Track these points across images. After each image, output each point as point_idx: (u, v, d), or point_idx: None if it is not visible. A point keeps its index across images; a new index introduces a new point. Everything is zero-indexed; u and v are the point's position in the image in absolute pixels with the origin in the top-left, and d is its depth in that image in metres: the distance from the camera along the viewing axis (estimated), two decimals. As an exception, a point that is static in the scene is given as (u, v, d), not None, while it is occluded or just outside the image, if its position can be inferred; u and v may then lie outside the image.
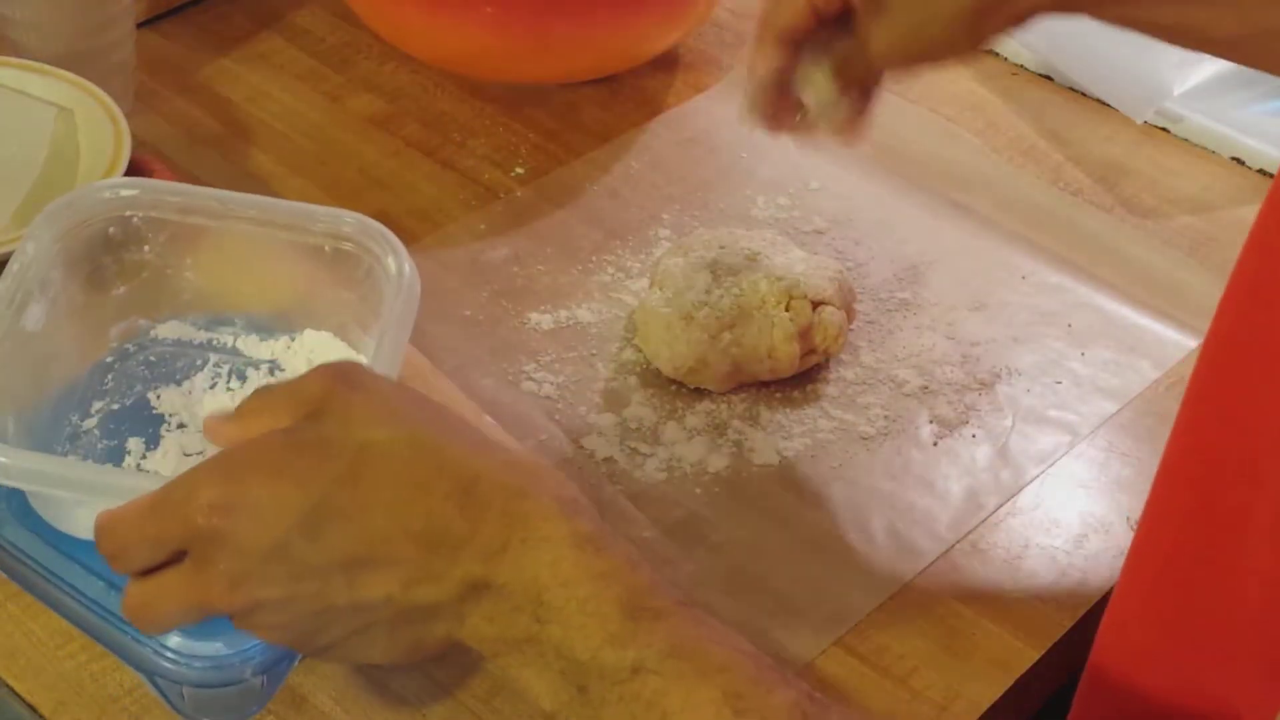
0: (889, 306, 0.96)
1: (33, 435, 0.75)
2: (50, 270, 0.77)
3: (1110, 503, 0.86)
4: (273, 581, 0.60)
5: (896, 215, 1.02)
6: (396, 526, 0.60)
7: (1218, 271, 0.98)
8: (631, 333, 0.93)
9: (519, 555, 0.60)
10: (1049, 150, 1.08)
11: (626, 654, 0.59)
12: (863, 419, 0.89)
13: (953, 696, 0.77)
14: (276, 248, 0.79)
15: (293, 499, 0.59)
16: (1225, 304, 0.64)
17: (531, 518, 0.60)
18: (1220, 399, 0.64)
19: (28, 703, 0.74)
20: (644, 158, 1.06)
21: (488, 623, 0.61)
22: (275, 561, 0.59)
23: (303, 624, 0.61)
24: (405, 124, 1.08)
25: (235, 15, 1.17)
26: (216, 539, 0.59)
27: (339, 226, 0.78)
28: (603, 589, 0.59)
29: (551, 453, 0.86)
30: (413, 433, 0.61)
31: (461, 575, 0.60)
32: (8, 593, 0.78)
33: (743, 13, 1.19)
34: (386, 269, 0.77)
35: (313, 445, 0.60)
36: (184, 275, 0.82)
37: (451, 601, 0.60)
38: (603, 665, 0.59)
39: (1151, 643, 0.70)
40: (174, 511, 0.60)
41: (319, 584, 0.60)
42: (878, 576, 0.82)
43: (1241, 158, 1.08)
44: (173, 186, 0.80)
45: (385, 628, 0.61)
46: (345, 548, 0.60)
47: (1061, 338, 0.95)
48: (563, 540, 0.60)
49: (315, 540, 0.59)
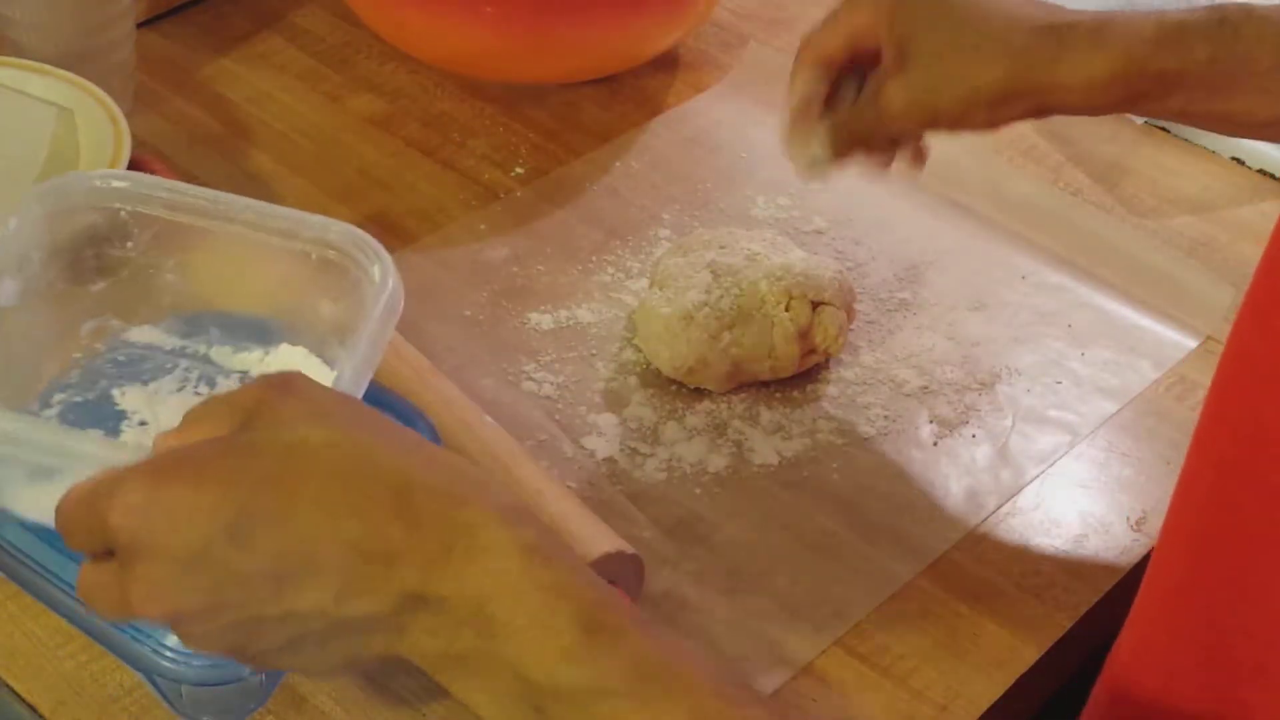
0: (889, 306, 0.96)
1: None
2: (31, 249, 0.75)
3: (1110, 503, 0.86)
4: (193, 590, 0.57)
5: (896, 215, 1.02)
6: (326, 532, 0.56)
7: (1218, 271, 0.98)
8: (631, 333, 0.93)
9: (461, 566, 0.56)
10: (1049, 150, 1.08)
11: (584, 672, 0.55)
12: (863, 419, 0.89)
13: (953, 696, 0.77)
14: (264, 252, 0.76)
15: (216, 503, 0.56)
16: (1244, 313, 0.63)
17: (474, 526, 0.56)
18: (1239, 411, 0.63)
19: (28, 703, 0.74)
20: (644, 158, 1.06)
21: (430, 637, 0.57)
22: (196, 570, 0.56)
23: (231, 634, 0.58)
24: (405, 124, 1.08)
25: (235, 15, 1.17)
26: (134, 543, 0.57)
27: (326, 234, 0.75)
28: (554, 601, 0.56)
29: (551, 453, 0.86)
30: (346, 434, 0.58)
31: (398, 587, 0.56)
32: (8, 593, 0.78)
33: (743, 13, 1.19)
34: (371, 279, 0.74)
35: (241, 448, 0.57)
36: (165, 277, 0.79)
37: (389, 614, 0.57)
38: (559, 685, 0.55)
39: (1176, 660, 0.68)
40: (97, 507, 0.57)
41: (244, 593, 0.56)
42: (878, 576, 0.82)
43: (1241, 158, 1.08)
44: (165, 183, 0.78)
45: (317, 640, 0.57)
46: (272, 553, 0.56)
47: (1061, 338, 0.95)
48: (507, 550, 0.56)
49: (240, 547, 0.56)
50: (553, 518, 0.76)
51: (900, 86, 0.78)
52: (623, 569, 0.77)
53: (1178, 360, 0.94)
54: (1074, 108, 0.77)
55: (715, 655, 0.77)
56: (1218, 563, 0.65)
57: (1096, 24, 0.75)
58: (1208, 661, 0.66)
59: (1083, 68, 0.74)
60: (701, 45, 1.16)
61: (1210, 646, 0.66)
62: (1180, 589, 0.68)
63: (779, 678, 0.77)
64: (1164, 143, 1.09)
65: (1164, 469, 0.88)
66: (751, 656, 0.78)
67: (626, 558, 0.77)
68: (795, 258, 0.92)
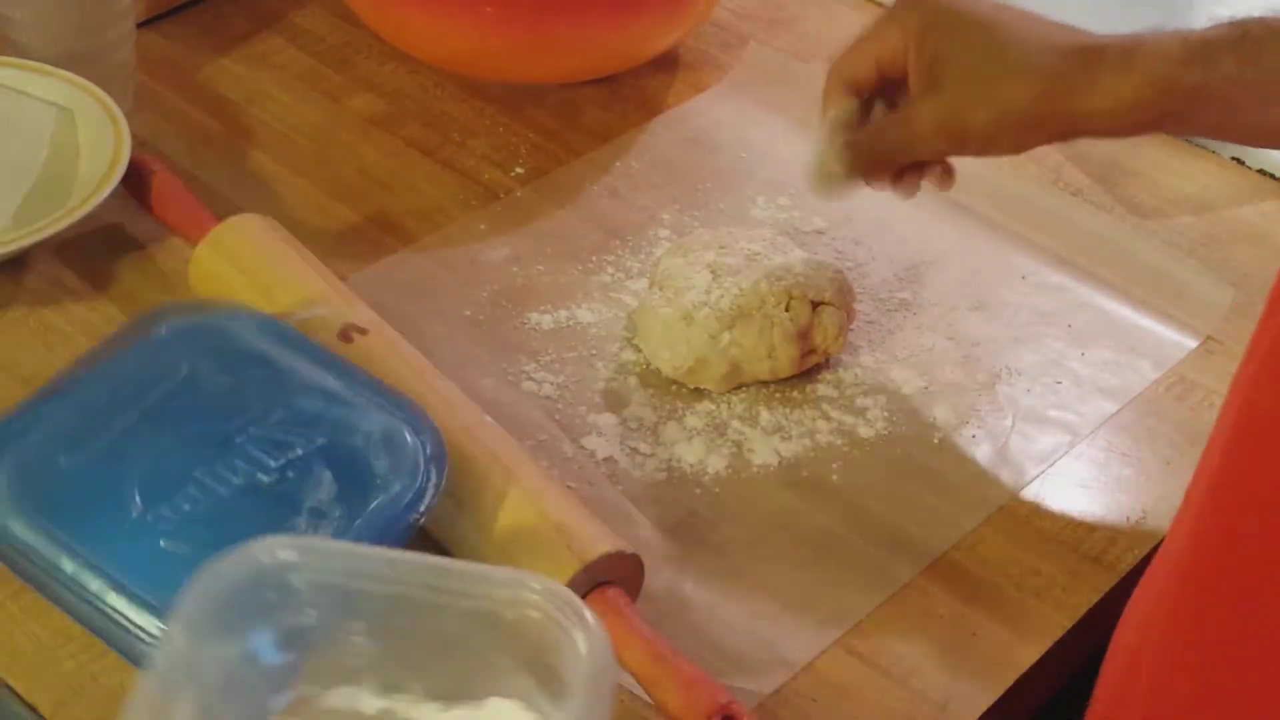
0: (889, 306, 0.96)
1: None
2: (201, 651, 0.66)
3: (1110, 503, 0.86)
4: None
5: (896, 215, 1.02)
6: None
7: (1218, 271, 0.98)
8: (631, 333, 0.93)
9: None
10: (1049, 150, 1.08)
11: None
12: (862, 419, 0.89)
13: (953, 696, 0.77)
14: (453, 614, 0.69)
15: None
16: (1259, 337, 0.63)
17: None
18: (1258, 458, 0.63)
19: (28, 703, 0.74)
20: (644, 158, 1.06)
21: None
22: None
23: None
24: (405, 124, 1.08)
25: (235, 15, 1.17)
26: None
27: (522, 593, 0.67)
28: None
29: (551, 453, 0.86)
30: None
31: None
32: (8, 592, 0.78)
33: (743, 13, 1.19)
34: (574, 643, 0.66)
35: None
36: (353, 639, 0.70)
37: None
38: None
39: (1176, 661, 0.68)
40: None
41: None
42: (878, 576, 0.82)
43: (1241, 158, 1.08)
44: (334, 547, 0.71)
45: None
46: None
47: (1061, 338, 0.95)
48: None
49: None
50: (553, 518, 0.76)
51: (930, 108, 0.79)
52: (623, 569, 0.77)
53: (1178, 360, 0.94)
54: (1103, 130, 0.78)
55: (715, 655, 0.77)
56: (1218, 563, 0.65)
57: (1125, 47, 0.76)
58: (1206, 664, 0.66)
59: (1113, 90, 0.75)
60: (701, 45, 1.16)
61: (1208, 650, 0.66)
62: (1179, 589, 0.68)
63: (779, 678, 0.77)
64: (1164, 143, 1.09)
65: (1164, 469, 0.88)
66: (751, 656, 0.78)
67: (626, 558, 0.77)
68: (795, 258, 0.92)
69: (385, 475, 0.76)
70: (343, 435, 0.78)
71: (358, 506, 0.75)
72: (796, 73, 1.11)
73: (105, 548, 0.73)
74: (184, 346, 0.82)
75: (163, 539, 0.73)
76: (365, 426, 0.78)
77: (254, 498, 0.75)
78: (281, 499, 0.75)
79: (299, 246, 0.91)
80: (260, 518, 0.73)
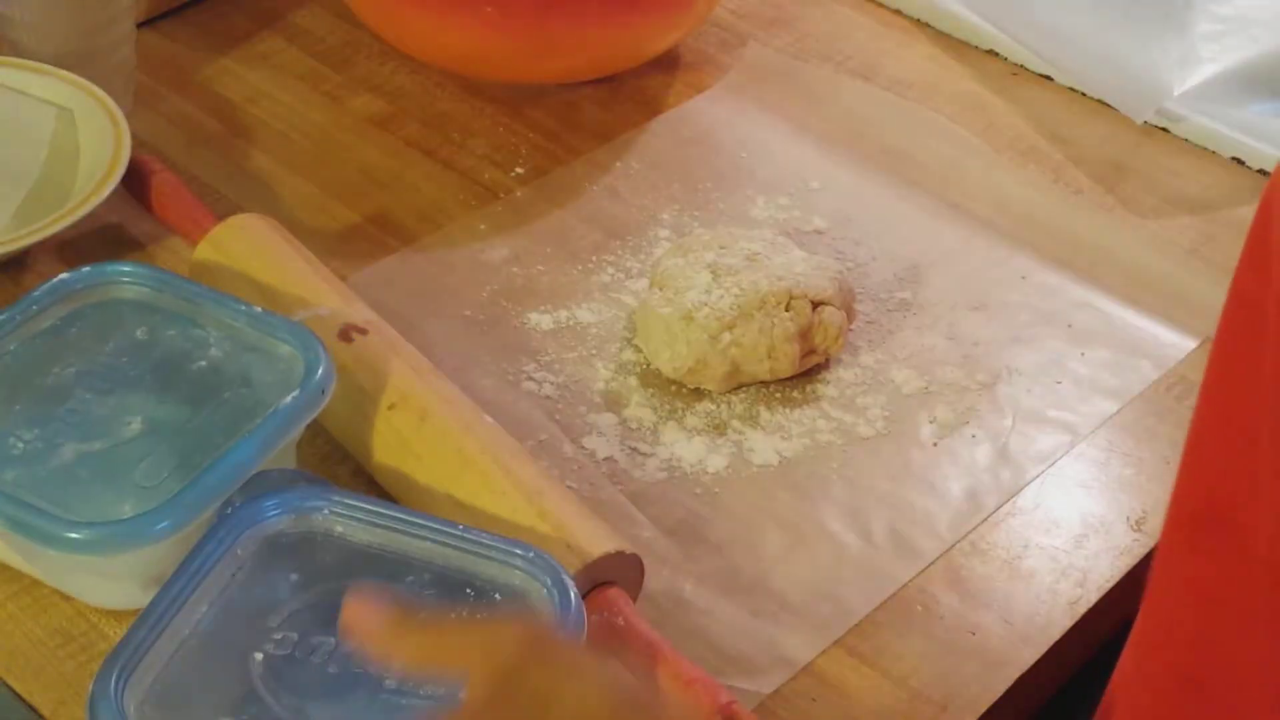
0: (889, 306, 0.96)
1: None
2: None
3: (1110, 503, 0.86)
4: None
5: (896, 215, 1.02)
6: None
7: (1218, 271, 0.98)
8: (631, 333, 0.93)
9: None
10: (1049, 150, 1.08)
11: None
12: (862, 419, 0.89)
13: (953, 696, 0.77)
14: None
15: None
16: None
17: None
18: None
19: (28, 703, 0.74)
20: (644, 158, 1.06)
21: None
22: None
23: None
24: (405, 124, 1.08)
25: (235, 15, 1.17)
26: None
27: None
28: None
29: (551, 453, 0.86)
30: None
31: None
32: (8, 593, 0.78)
33: (743, 13, 1.19)
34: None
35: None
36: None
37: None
38: None
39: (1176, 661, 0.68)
40: None
41: None
42: (878, 576, 0.82)
43: (1241, 158, 1.08)
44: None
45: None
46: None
47: (1061, 338, 0.95)
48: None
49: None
50: (553, 518, 0.76)
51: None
52: (623, 569, 0.77)
53: (1178, 360, 0.94)
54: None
55: (715, 655, 0.77)
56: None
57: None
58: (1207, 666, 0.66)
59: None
60: (701, 45, 1.16)
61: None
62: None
63: (779, 678, 0.77)
64: (1164, 143, 1.09)
65: (1164, 469, 0.88)
66: (751, 656, 0.78)
67: (626, 558, 0.77)
68: (795, 258, 0.92)
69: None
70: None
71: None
72: (796, 73, 1.11)
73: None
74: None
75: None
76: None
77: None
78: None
79: (299, 246, 0.91)
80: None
